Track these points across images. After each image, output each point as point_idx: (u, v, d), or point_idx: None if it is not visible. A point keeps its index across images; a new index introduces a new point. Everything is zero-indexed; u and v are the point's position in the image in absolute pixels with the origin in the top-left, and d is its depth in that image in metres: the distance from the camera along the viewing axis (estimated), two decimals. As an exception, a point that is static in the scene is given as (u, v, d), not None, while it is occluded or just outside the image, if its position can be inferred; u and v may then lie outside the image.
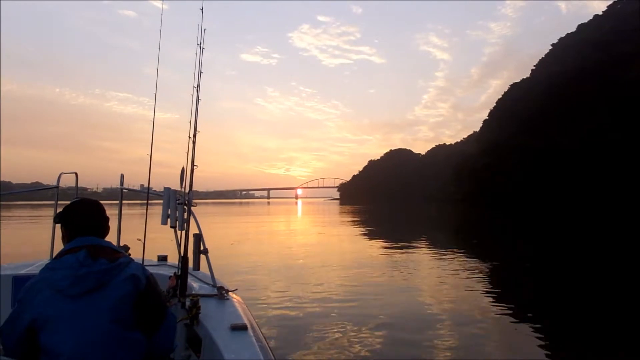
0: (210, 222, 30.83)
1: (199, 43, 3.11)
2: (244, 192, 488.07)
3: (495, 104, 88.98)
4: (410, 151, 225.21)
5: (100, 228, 1.83)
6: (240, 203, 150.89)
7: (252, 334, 2.17)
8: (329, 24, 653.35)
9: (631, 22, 59.64)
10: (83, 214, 1.81)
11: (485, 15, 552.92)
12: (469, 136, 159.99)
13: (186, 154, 2.95)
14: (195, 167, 2.95)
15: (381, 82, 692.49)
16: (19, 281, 3.15)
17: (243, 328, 2.22)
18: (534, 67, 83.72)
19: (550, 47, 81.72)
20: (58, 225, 1.87)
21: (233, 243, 16.62)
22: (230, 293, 2.84)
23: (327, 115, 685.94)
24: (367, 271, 10.71)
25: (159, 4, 3.93)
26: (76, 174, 3.83)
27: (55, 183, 3.83)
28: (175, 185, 2.88)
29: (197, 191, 3.19)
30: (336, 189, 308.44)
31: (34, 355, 1.55)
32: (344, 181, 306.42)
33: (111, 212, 1.99)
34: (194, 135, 2.98)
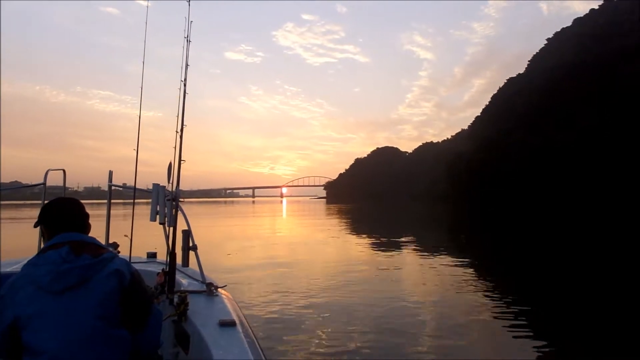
0: (196, 225, 27.79)
1: (185, 36, 3.00)
2: (228, 191, 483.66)
3: (490, 100, 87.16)
4: (397, 149, 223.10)
5: (83, 225, 1.78)
6: (225, 202, 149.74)
7: (240, 330, 2.15)
8: (313, 23, 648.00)
9: (629, 16, 58.09)
10: (64, 211, 1.76)
11: (468, 16, 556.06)
12: (457, 134, 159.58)
13: (173, 149, 2.87)
14: (182, 162, 2.86)
15: (365, 81, 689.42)
16: (4, 279, 2.71)
17: (231, 324, 2.19)
18: (529, 62, 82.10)
19: (545, 42, 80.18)
20: None
21: (230, 254, 14.30)
22: (219, 289, 2.80)
23: (312, 114, 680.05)
24: (362, 274, 10.31)
25: (142, 2, 3.96)
26: (64, 170, 3.78)
27: (36, 181, 3.90)
28: (160, 183, 2.86)
29: (182, 190, 3.08)
30: (322, 188, 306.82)
31: (17, 354, 1.49)
32: (329, 179, 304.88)
33: (92, 212, 1.92)
34: (181, 130, 2.87)
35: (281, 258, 13.22)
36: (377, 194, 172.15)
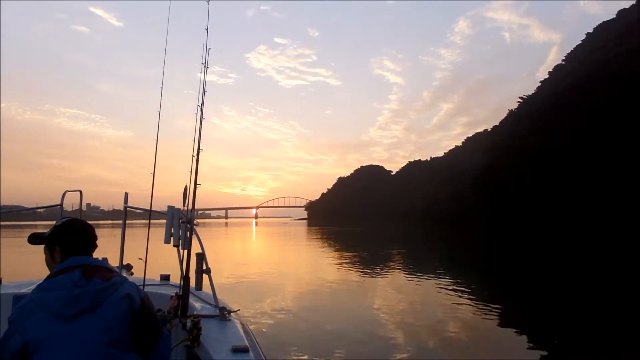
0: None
1: (203, 62, 3.04)
2: (200, 212, 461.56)
3: (514, 109, 74.27)
4: (382, 167, 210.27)
5: (93, 248, 1.79)
6: (197, 224, 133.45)
7: (253, 356, 2.12)
8: (286, 46, 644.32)
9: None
10: (82, 234, 1.76)
11: (436, 42, 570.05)
12: (450, 151, 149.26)
13: (189, 172, 2.90)
14: (198, 185, 2.88)
15: (337, 104, 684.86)
16: (19, 300, 2.78)
17: (244, 350, 2.16)
18: (563, 60, 70.60)
19: (585, 35, 69.35)
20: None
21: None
22: (232, 314, 2.76)
23: (284, 135, 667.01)
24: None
25: (113, 21, 3.08)
26: (80, 192, 3.76)
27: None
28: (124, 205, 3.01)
29: (155, 211, 3.10)
30: (303, 208, 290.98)
31: None
32: (308, 200, 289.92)
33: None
34: (197, 154, 2.91)
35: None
36: (363, 215, 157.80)
